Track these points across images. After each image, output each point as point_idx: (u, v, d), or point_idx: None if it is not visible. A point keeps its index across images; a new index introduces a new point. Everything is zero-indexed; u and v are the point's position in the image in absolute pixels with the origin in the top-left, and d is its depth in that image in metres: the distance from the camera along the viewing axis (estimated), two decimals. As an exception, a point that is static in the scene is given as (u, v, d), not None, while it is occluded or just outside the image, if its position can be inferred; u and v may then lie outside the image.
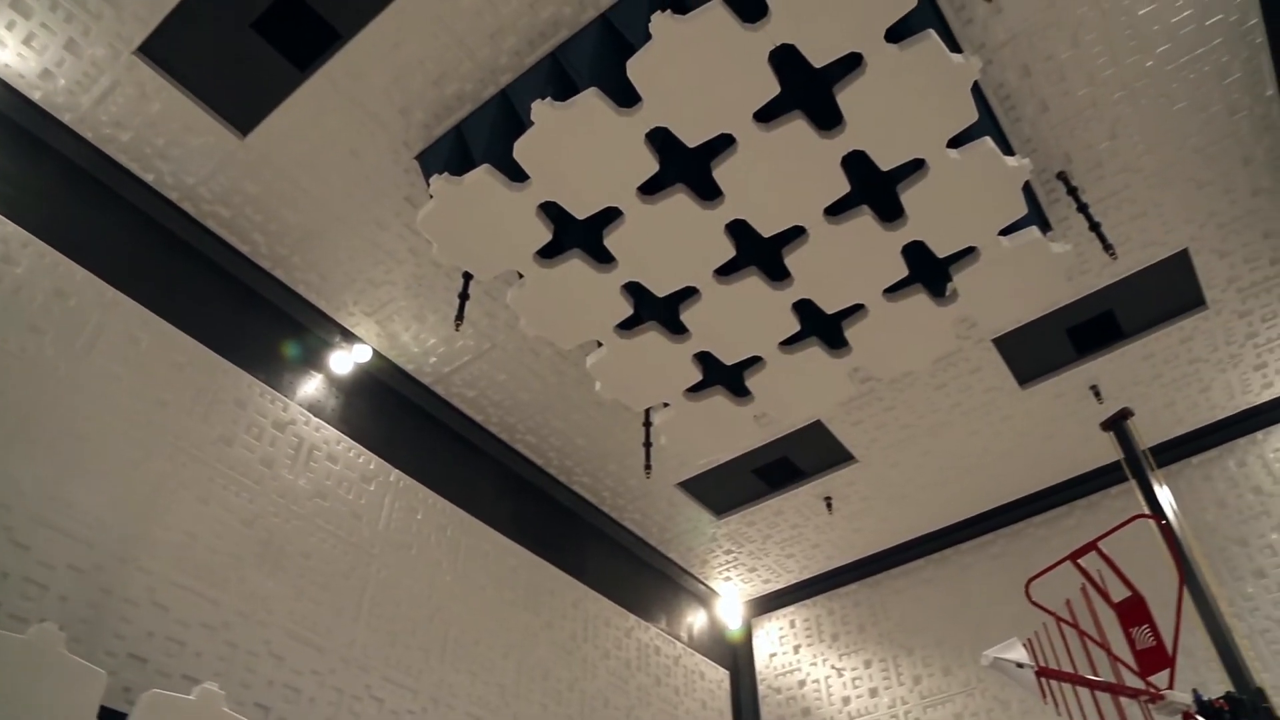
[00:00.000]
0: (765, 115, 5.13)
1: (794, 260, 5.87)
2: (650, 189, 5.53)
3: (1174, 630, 4.94)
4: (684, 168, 5.56)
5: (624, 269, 5.94)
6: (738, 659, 10.78)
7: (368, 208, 6.69)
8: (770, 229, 5.73)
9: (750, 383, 6.79)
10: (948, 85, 4.93)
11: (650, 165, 5.32)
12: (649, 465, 7.33)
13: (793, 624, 10.68)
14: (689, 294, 6.19)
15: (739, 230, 5.76)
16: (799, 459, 9.00)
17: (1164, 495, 5.97)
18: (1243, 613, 7.62)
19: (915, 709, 9.19)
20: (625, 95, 5.06)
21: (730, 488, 9.37)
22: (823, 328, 6.50)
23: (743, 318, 6.22)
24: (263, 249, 6.97)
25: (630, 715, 8.84)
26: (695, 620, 10.59)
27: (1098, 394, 8.17)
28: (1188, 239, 6.98)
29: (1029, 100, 6.09)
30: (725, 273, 6.01)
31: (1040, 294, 6.30)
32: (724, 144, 5.32)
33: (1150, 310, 7.58)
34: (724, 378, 6.86)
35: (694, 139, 5.20)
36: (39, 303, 5.62)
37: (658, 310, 6.37)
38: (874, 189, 5.68)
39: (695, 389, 6.84)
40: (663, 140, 5.36)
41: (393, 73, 5.87)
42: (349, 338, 7.57)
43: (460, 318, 6.25)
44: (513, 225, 5.71)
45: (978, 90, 5.56)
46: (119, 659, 5.13)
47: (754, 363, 6.74)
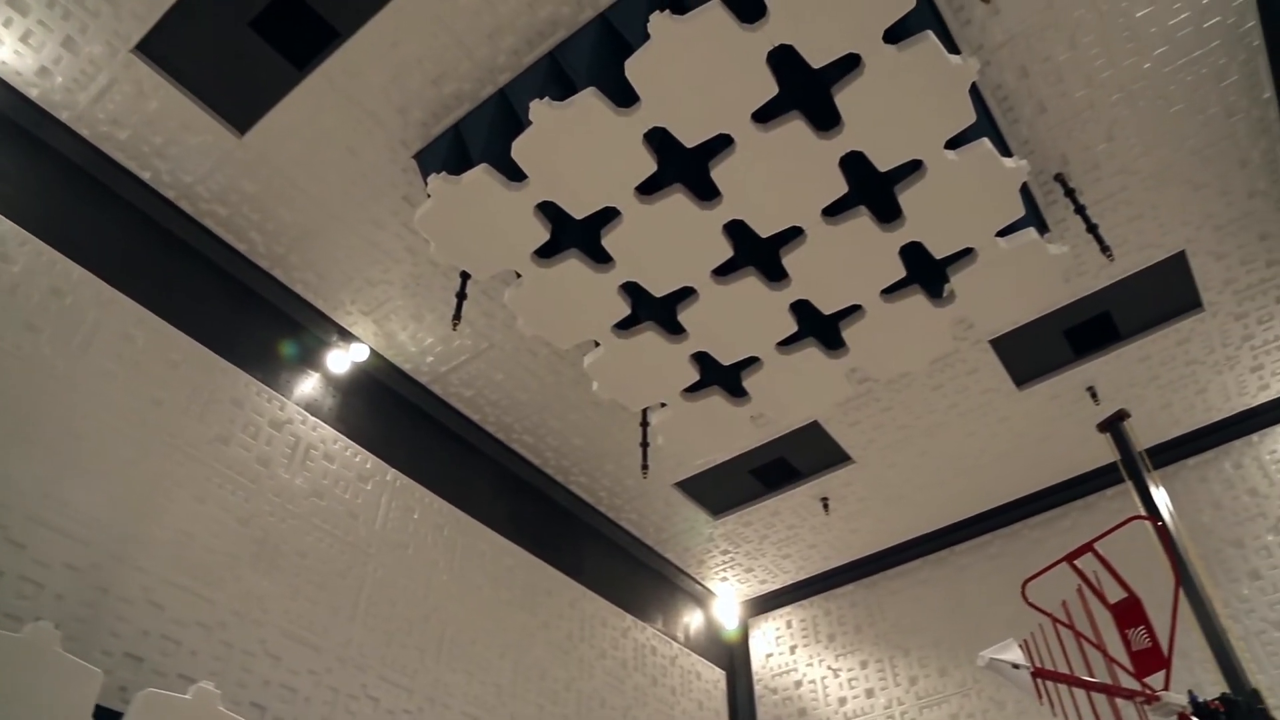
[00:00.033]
0: (763, 116, 5.13)
1: (792, 261, 5.87)
2: (648, 189, 5.53)
3: (1170, 632, 4.95)
4: (682, 168, 5.55)
5: (622, 269, 5.94)
6: (734, 659, 10.78)
7: (365, 207, 6.68)
8: (768, 229, 5.74)
9: (747, 383, 6.79)
10: (946, 86, 4.93)
11: (648, 165, 5.32)
12: (646, 465, 7.33)
13: (789, 624, 10.68)
14: (686, 294, 6.19)
15: (737, 230, 5.76)
16: (796, 459, 9.01)
17: (1160, 497, 5.97)
18: (1238, 614, 7.63)
19: (911, 710, 9.19)
20: (623, 95, 5.05)
21: (727, 488, 9.37)
22: (820, 328, 6.50)
23: (740, 318, 6.22)
24: (260, 248, 6.97)
25: (627, 715, 8.84)
26: (692, 620, 10.60)
27: (1094, 395, 8.18)
28: (1184, 241, 6.99)
29: (1027, 102, 6.10)
30: (723, 273, 6.01)
31: (1037, 295, 6.30)
32: (722, 144, 5.31)
33: (1147, 312, 7.59)
34: (721, 378, 6.86)
35: (692, 139, 5.20)
36: (35, 301, 5.61)
37: (655, 310, 6.37)
38: (872, 190, 5.68)
39: (692, 389, 6.85)
40: (661, 140, 5.36)
41: (391, 72, 5.86)
42: (346, 337, 7.56)
43: (458, 317, 6.26)
44: (510, 225, 5.71)
45: (975, 91, 5.56)
46: (115, 658, 5.13)
47: (751, 363, 6.74)
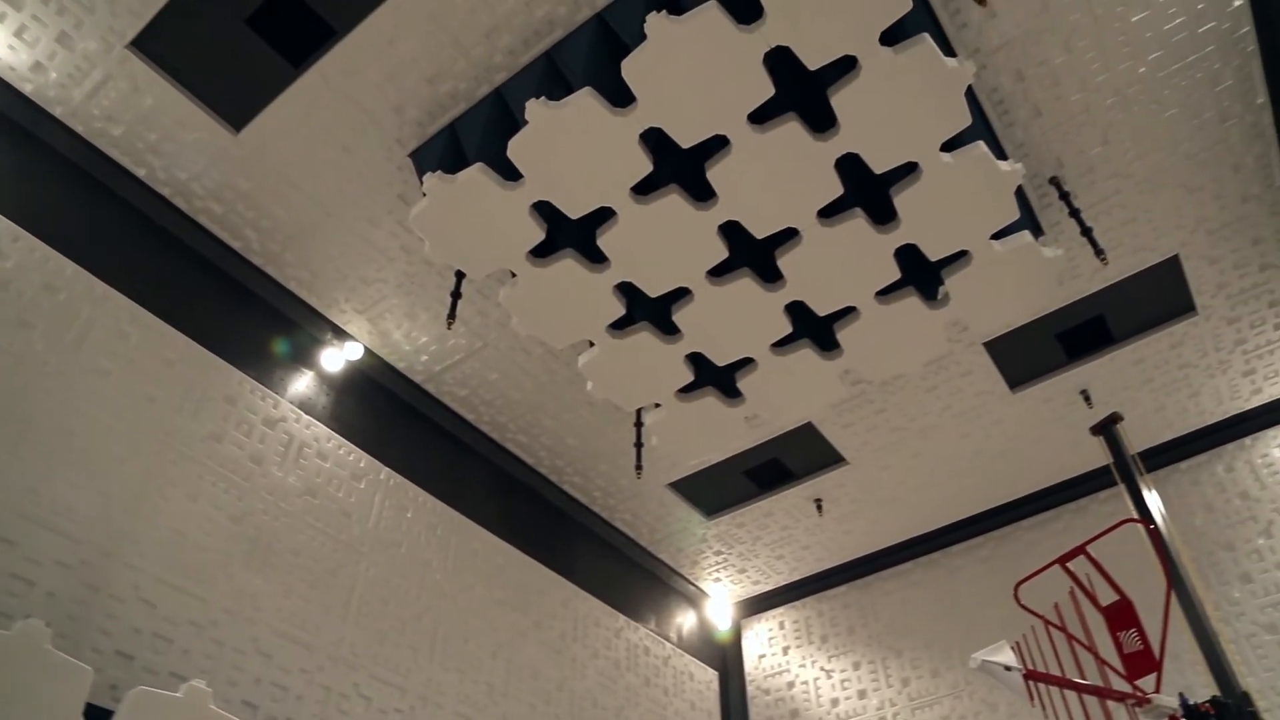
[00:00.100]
0: (759, 117, 5.13)
1: (786, 262, 5.87)
2: (644, 189, 5.52)
3: (1161, 634, 4.97)
4: (678, 168, 5.56)
5: (616, 269, 5.94)
6: (727, 660, 10.79)
7: (360, 205, 6.67)
8: (763, 230, 5.74)
9: (742, 384, 6.80)
10: (942, 89, 4.94)
11: (644, 165, 5.31)
12: (640, 465, 7.33)
13: (782, 625, 10.69)
14: (681, 294, 6.19)
15: (732, 231, 5.76)
16: (790, 461, 9.01)
17: (1152, 500, 6.00)
18: (1229, 617, 7.66)
19: (904, 711, 9.21)
20: (619, 95, 5.05)
21: (721, 489, 9.37)
22: (814, 330, 6.51)
23: (735, 319, 6.22)
24: (254, 245, 6.95)
25: (619, 715, 8.83)
26: (685, 621, 10.60)
27: (1088, 398, 8.20)
28: (1178, 245, 7.01)
29: (1022, 105, 6.11)
30: (718, 274, 6.01)
31: (1031, 298, 6.31)
32: (718, 145, 5.31)
33: (1140, 315, 7.62)
34: (715, 379, 6.86)
35: (688, 140, 5.20)
36: (28, 297, 5.59)
37: (650, 310, 6.37)
38: (867, 192, 5.68)
39: (687, 390, 6.85)
40: (656, 141, 5.36)
41: (387, 70, 5.85)
42: (340, 335, 7.55)
43: (452, 316, 6.25)
44: (506, 224, 5.70)
45: (971, 94, 5.56)
46: (105, 656, 5.10)
47: (745, 364, 6.74)
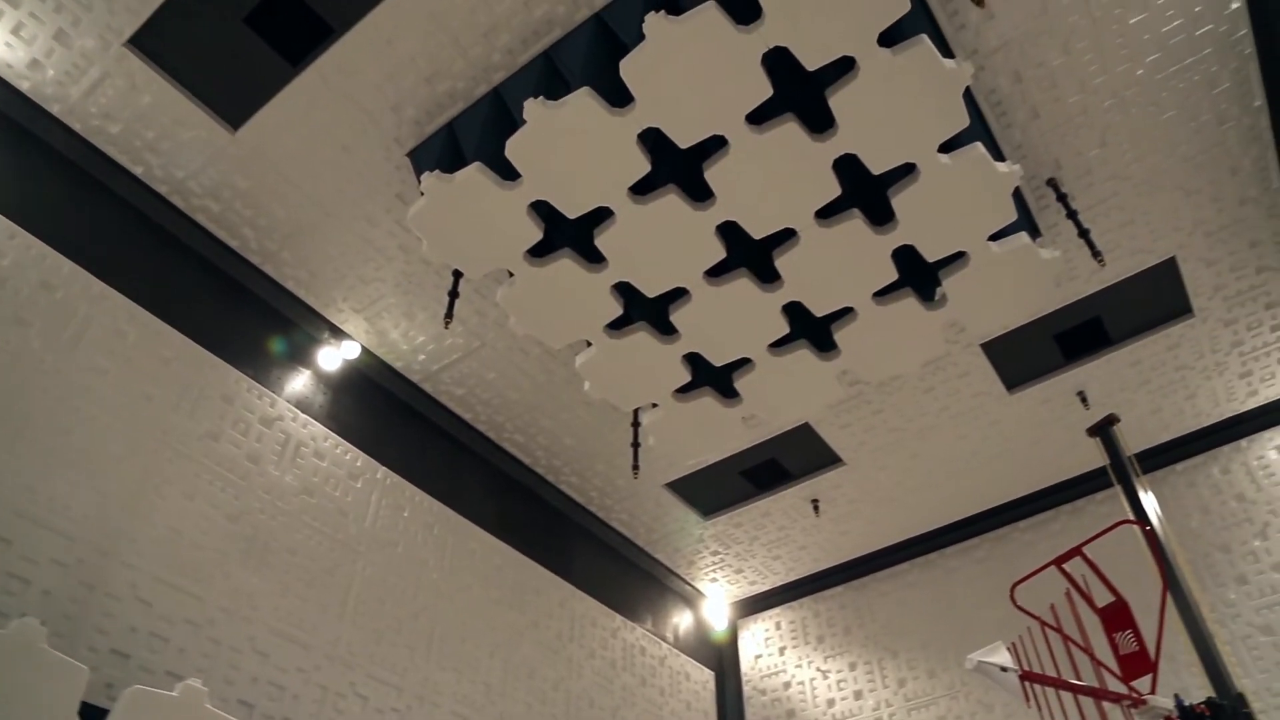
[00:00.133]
0: (758, 117, 5.13)
1: (784, 262, 5.88)
2: (642, 189, 5.53)
3: (1157, 635, 4.97)
4: (675, 168, 5.56)
5: (614, 269, 5.94)
6: (723, 660, 10.79)
7: (358, 204, 6.67)
8: (761, 231, 5.74)
9: (739, 384, 6.80)
10: (940, 90, 4.94)
11: (642, 165, 5.31)
12: (637, 465, 7.34)
13: (778, 626, 10.69)
14: (679, 295, 6.19)
15: (730, 232, 5.76)
16: (787, 461, 9.02)
17: (1149, 501, 6.01)
18: (1225, 619, 7.67)
19: (900, 712, 9.21)
20: (618, 95, 5.05)
21: (718, 489, 9.37)
22: (812, 330, 6.51)
23: (732, 319, 6.22)
24: (252, 244, 6.94)
25: (615, 715, 8.83)
26: (681, 621, 10.60)
27: (1084, 400, 8.21)
28: (1175, 247, 7.02)
29: (1020, 106, 6.12)
30: (715, 274, 6.02)
31: (1029, 300, 6.32)
32: (716, 145, 5.32)
33: (1137, 317, 7.63)
34: (713, 379, 6.86)
35: (686, 140, 5.20)
36: (25, 295, 5.58)
37: (647, 311, 6.37)
38: (865, 192, 5.69)
39: (684, 390, 6.85)
40: (655, 141, 5.36)
41: (385, 69, 5.85)
42: (338, 334, 7.54)
43: (450, 315, 6.25)
44: (503, 224, 5.70)
45: (969, 96, 5.57)
46: (101, 654, 5.10)
47: (743, 364, 6.75)
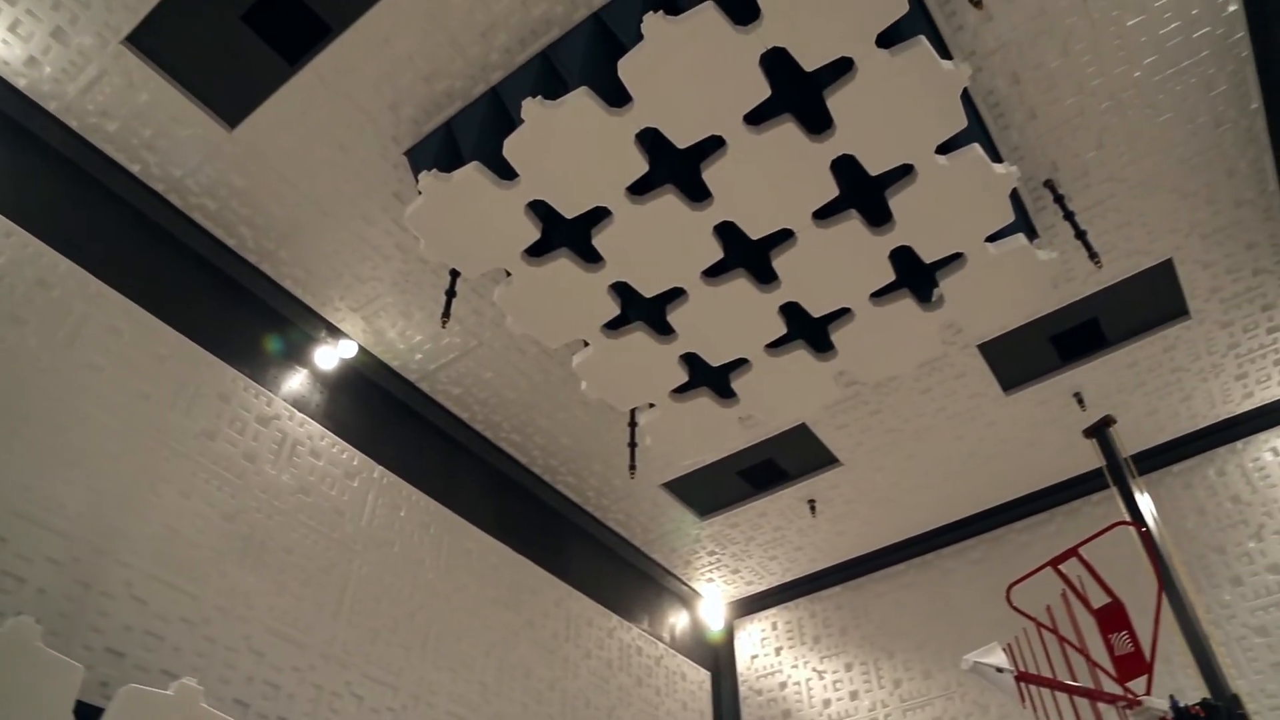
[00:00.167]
0: (755, 118, 5.13)
1: (782, 263, 5.88)
2: (639, 189, 5.52)
3: (1152, 637, 4.98)
4: (673, 169, 5.55)
5: (612, 269, 5.94)
6: (719, 660, 10.79)
7: (356, 203, 6.66)
8: (758, 231, 5.74)
9: (736, 384, 6.80)
10: (938, 91, 4.94)
11: (640, 165, 5.31)
12: (634, 465, 7.33)
13: (774, 626, 10.70)
14: (676, 295, 6.19)
15: (727, 232, 5.76)
16: (783, 461, 9.02)
17: (1144, 503, 6.01)
18: (1220, 620, 7.69)
19: (895, 712, 9.22)
20: (616, 95, 5.05)
21: (714, 489, 9.38)
22: (809, 331, 6.51)
23: (729, 320, 6.22)
24: (249, 243, 6.93)
25: (611, 715, 8.83)
26: (677, 621, 10.60)
27: (1081, 401, 8.22)
28: (1172, 249, 7.04)
29: (1018, 108, 6.13)
30: (713, 274, 6.02)
31: (1025, 301, 6.32)
32: (714, 145, 5.32)
33: (1134, 319, 7.64)
34: (710, 379, 6.86)
35: (684, 140, 5.20)
36: (21, 292, 5.57)
37: (645, 311, 6.37)
38: (863, 193, 5.69)
39: (681, 390, 6.85)
40: (652, 141, 5.36)
41: (383, 68, 5.84)
42: (334, 333, 7.54)
43: (447, 315, 6.23)
44: (501, 223, 5.70)
45: (967, 97, 5.58)
46: (96, 653, 5.09)
47: (740, 365, 6.75)
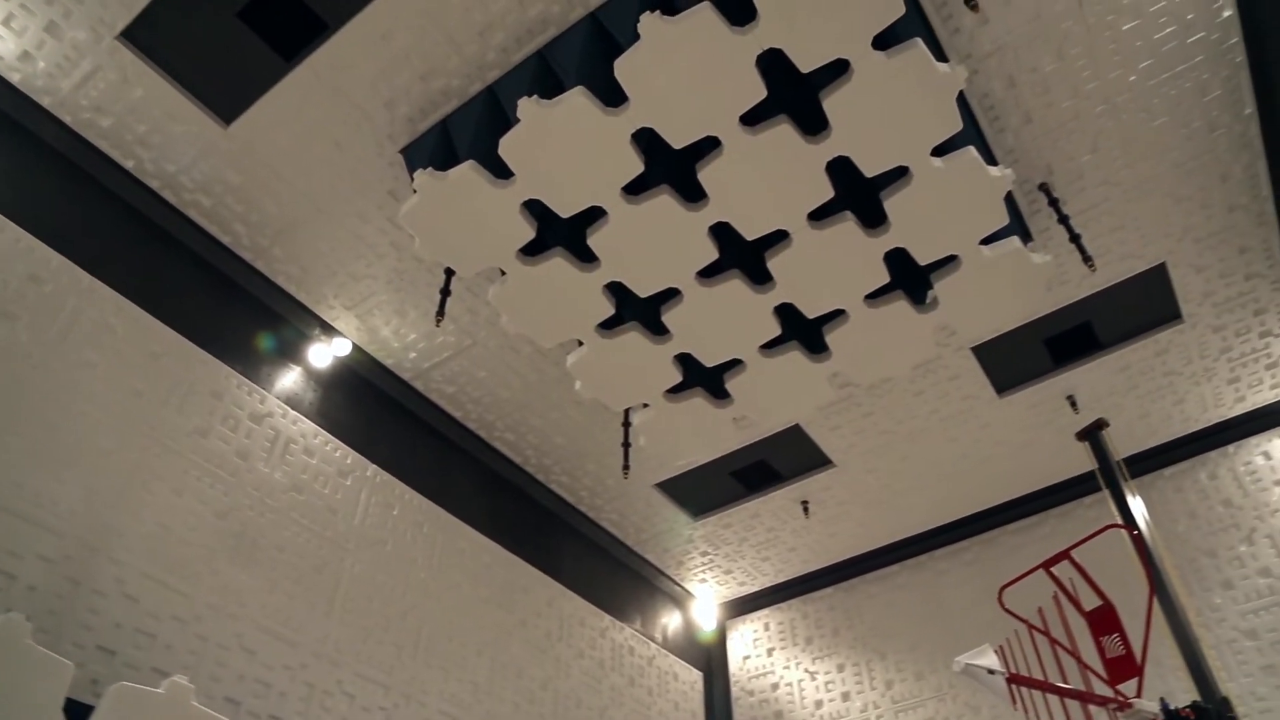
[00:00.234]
0: (751, 119, 5.13)
1: (776, 264, 5.88)
2: (635, 189, 5.52)
3: (1143, 639, 4.99)
4: (669, 169, 5.55)
5: (606, 269, 5.93)
6: (711, 661, 10.80)
7: (351, 201, 6.65)
8: (753, 232, 5.74)
9: (730, 385, 6.80)
10: (933, 94, 4.95)
11: (635, 165, 5.31)
12: (627, 465, 7.32)
13: (767, 627, 10.71)
14: (671, 295, 6.19)
15: (722, 233, 5.76)
16: (777, 462, 9.03)
17: (1136, 506, 6.03)
18: (1210, 623, 7.71)
19: (887, 714, 9.23)
20: (612, 95, 5.04)
21: (708, 490, 9.38)
22: (803, 332, 6.51)
23: (724, 320, 6.22)
24: (243, 240, 6.91)
25: (603, 715, 8.83)
26: (670, 621, 10.60)
27: (1074, 404, 8.24)
28: (1165, 253, 7.06)
29: (1013, 111, 6.14)
30: (708, 275, 6.02)
31: (1019, 304, 6.33)
32: (709, 146, 5.32)
33: (1127, 322, 7.66)
34: (704, 380, 6.86)
35: (680, 140, 5.20)
36: (13, 288, 5.54)
37: (639, 311, 6.36)
38: (858, 195, 5.70)
39: (675, 390, 6.84)
40: (648, 141, 5.35)
41: (379, 66, 5.83)
42: (328, 331, 7.52)
43: (441, 313, 6.23)
44: (496, 222, 5.69)
45: (963, 100, 5.59)
46: (87, 650, 5.07)
47: (734, 365, 6.75)
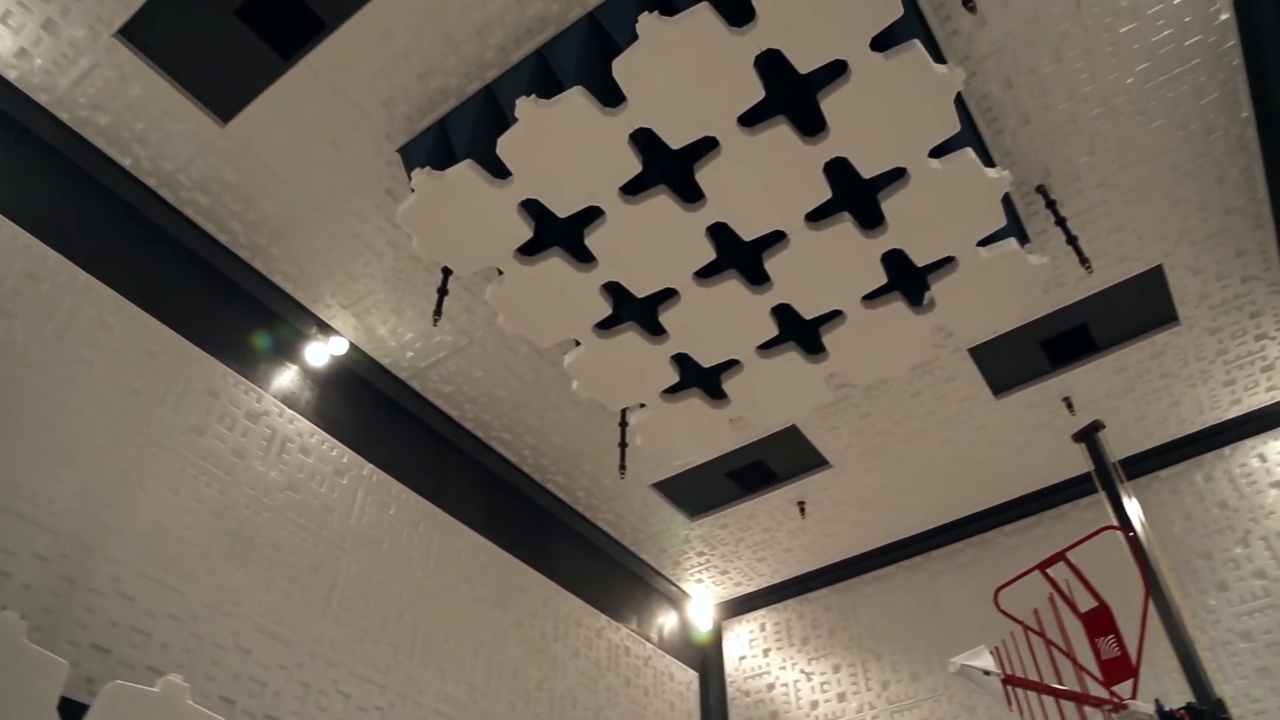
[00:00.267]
0: (749, 119, 5.14)
1: (774, 265, 5.89)
2: (632, 189, 5.52)
3: (1138, 641, 5.00)
4: (667, 169, 5.56)
5: (604, 269, 5.93)
6: (707, 661, 10.80)
7: (348, 200, 6.64)
8: (751, 233, 5.75)
9: (727, 386, 6.80)
10: (931, 95, 4.96)
11: (633, 166, 5.31)
12: (624, 465, 7.33)
13: (763, 627, 10.71)
14: (668, 295, 6.19)
15: (720, 233, 5.77)
16: (773, 463, 9.03)
17: (1132, 507, 6.04)
18: (1205, 625, 7.73)
19: (883, 714, 9.24)
20: (610, 95, 5.05)
21: (704, 490, 9.38)
22: (801, 333, 6.52)
23: (721, 321, 6.22)
24: (241, 238, 6.90)
25: (599, 715, 8.83)
26: (666, 621, 10.60)
27: (1070, 406, 8.26)
28: (1162, 255, 7.07)
29: (1011, 113, 6.15)
30: (705, 275, 6.02)
31: (1016, 305, 6.35)
32: (707, 146, 5.32)
33: (1124, 324, 7.67)
34: (701, 380, 6.86)
35: (678, 141, 5.20)
36: (9, 285, 5.53)
37: (637, 311, 6.36)
38: (855, 196, 5.70)
39: (672, 390, 6.85)
40: (646, 141, 5.36)
41: (378, 65, 5.83)
42: (325, 330, 7.51)
43: (438, 313, 6.23)
44: (494, 222, 5.69)
45: (960, 101, 5.60)
46: (82, 649, 5.06)
47: (731, 366, 6.75)
